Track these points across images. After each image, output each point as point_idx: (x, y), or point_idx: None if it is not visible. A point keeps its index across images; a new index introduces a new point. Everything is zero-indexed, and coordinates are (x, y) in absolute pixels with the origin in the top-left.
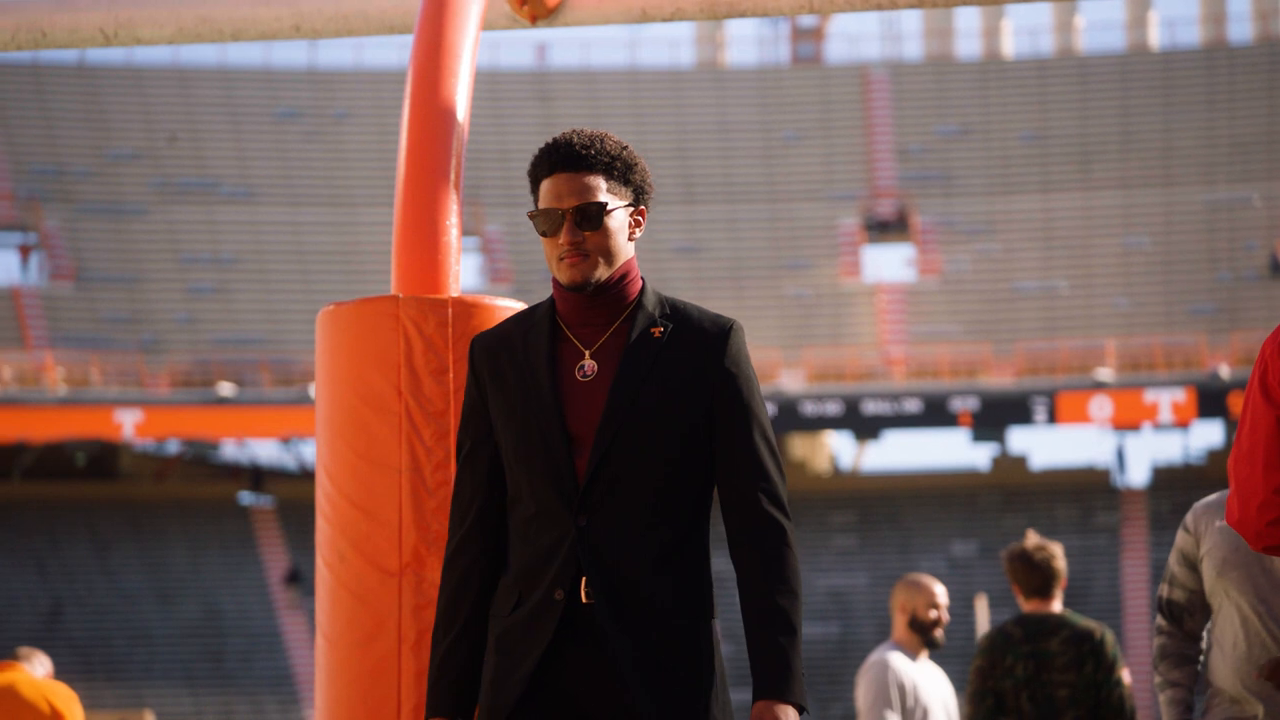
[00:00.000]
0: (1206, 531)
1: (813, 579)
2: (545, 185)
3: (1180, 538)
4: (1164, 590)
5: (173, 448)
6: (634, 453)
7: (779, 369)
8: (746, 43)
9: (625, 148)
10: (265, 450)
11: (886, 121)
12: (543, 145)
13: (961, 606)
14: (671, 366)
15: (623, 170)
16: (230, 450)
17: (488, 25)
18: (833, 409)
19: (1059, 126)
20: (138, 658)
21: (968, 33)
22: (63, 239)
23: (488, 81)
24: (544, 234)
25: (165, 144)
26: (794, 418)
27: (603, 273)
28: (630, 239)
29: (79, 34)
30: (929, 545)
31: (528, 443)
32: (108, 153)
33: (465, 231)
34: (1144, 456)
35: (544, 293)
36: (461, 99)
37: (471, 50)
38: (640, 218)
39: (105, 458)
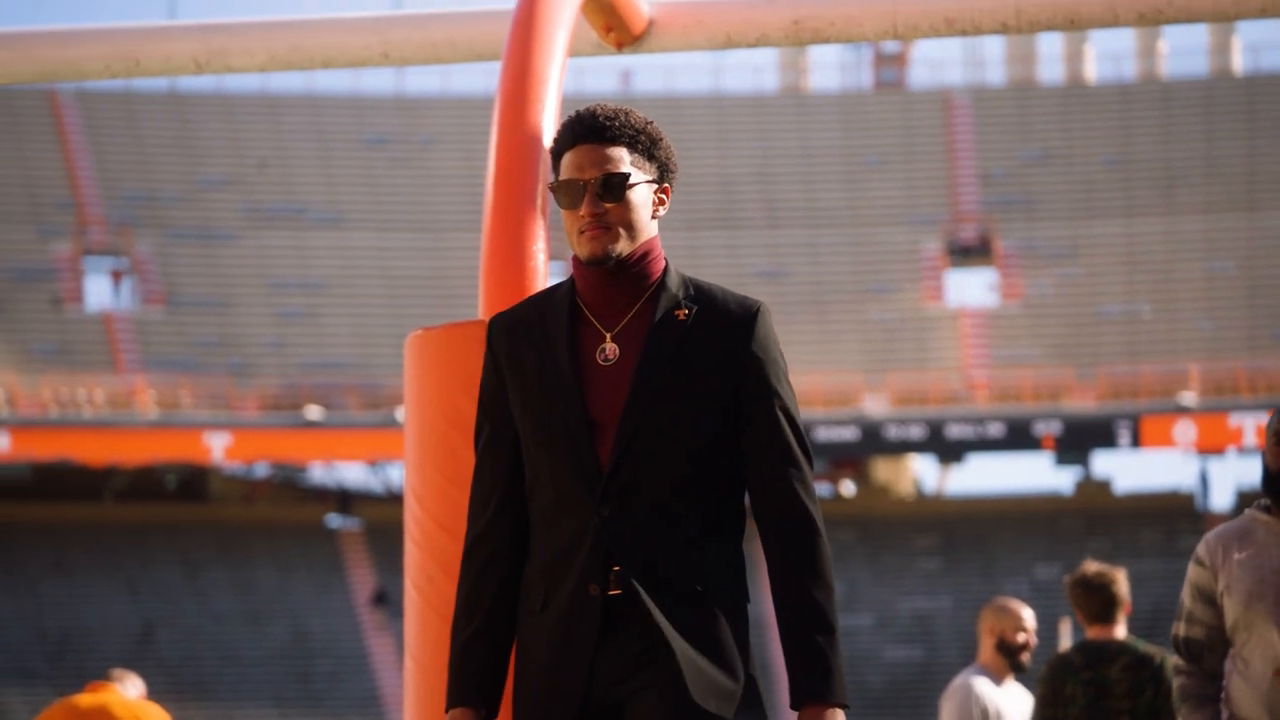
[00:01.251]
0: (1225, 564)
1: (896, 601)
2: (567, 157)
3: (1194, 572)
4: (1180, 628)
5: (261, 471)
6: (659, 440)
7: (862, 393)
8: (829, 68)
9: (650, 123)
10: (353, 473)
11: (969, 146)
12: (564, 119)
13: (1045, 630)
14: (697, 350)
15: (647, 145)
16: (318, 473)
17: (574, 51)
18: (916, 433)
19: (1142, 151)
20: (227, 679)
21: (1050, 58)
22: (154, 264)
23: (573, 107)
24: (565, 207)
25: (255, 170)
26: (877, 441)
27: (624, 247)
28: (653, 216)
29: (172, 63)
30: (1012, 569)
31: (547, 429)
32: (198, 178)
33: (552, 256)
34: (1228, 480)
35: None
36: (548, 125)
37: (558, 77)
38: (664, 196)
39: (195, 480)
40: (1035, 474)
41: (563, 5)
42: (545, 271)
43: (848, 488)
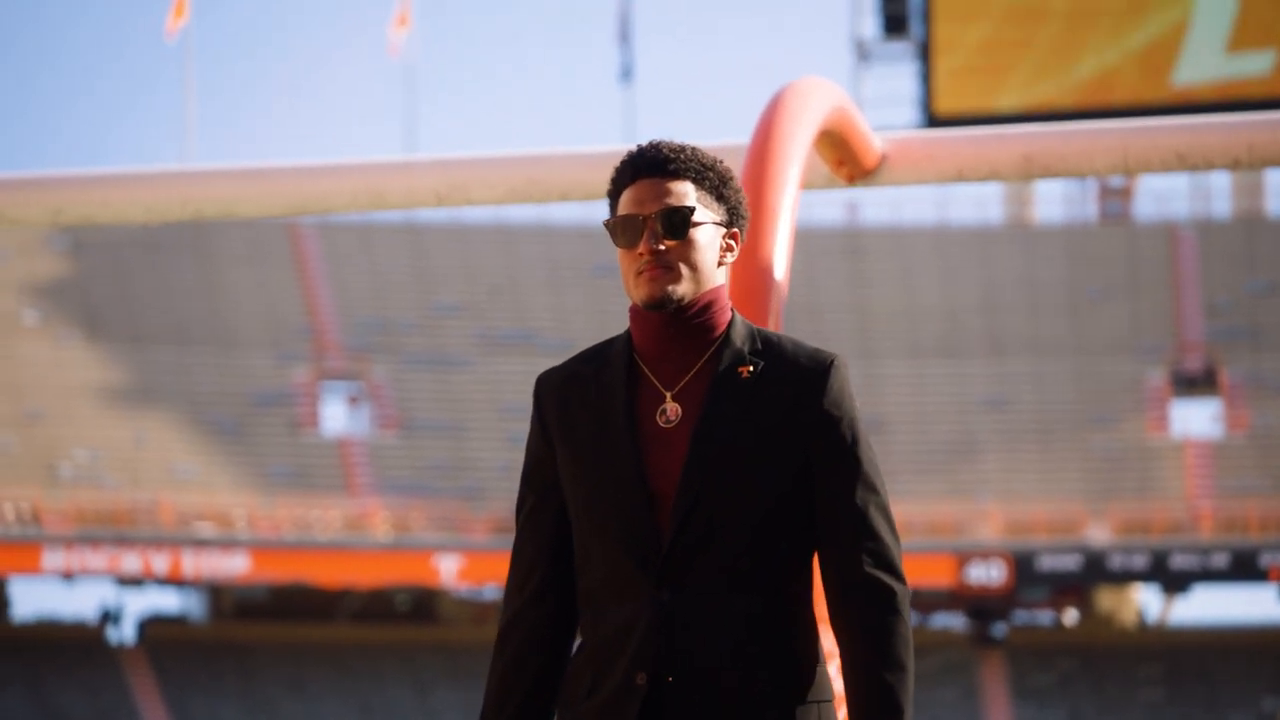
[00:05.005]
0: None
1: None
2: (627, 194)
3: None
4: None
5: (491, 593)
6: (721, 511)
7: (1086, 522)
8: (1054, 200)
9: (720, 161)
10: None
11: (1194, 278)
12: (625, 155)
13: None
14: (763, 409)
15: (715, 183)
16: None
17: (805, 184)
18: (1140, 562)
19: None
20: None
21: (1278, 190)
22: (389, 389)
23: (799, 237)
24: (621, 246)
25: (487, 298)
26: (1101, 571)
27: (686, 290)
28: (720, 264)
29: (414, 196)
30: (1237, 701)
31: (601, 499)
32: (433, 306)
33: None
34: None
35: None
36: (780, 258)
37: (791, 210)
38: (733, 243)
39: (426, 602)
40: (1261, 606)
41: (796, 141)
42: None
43: (1071, 617)
